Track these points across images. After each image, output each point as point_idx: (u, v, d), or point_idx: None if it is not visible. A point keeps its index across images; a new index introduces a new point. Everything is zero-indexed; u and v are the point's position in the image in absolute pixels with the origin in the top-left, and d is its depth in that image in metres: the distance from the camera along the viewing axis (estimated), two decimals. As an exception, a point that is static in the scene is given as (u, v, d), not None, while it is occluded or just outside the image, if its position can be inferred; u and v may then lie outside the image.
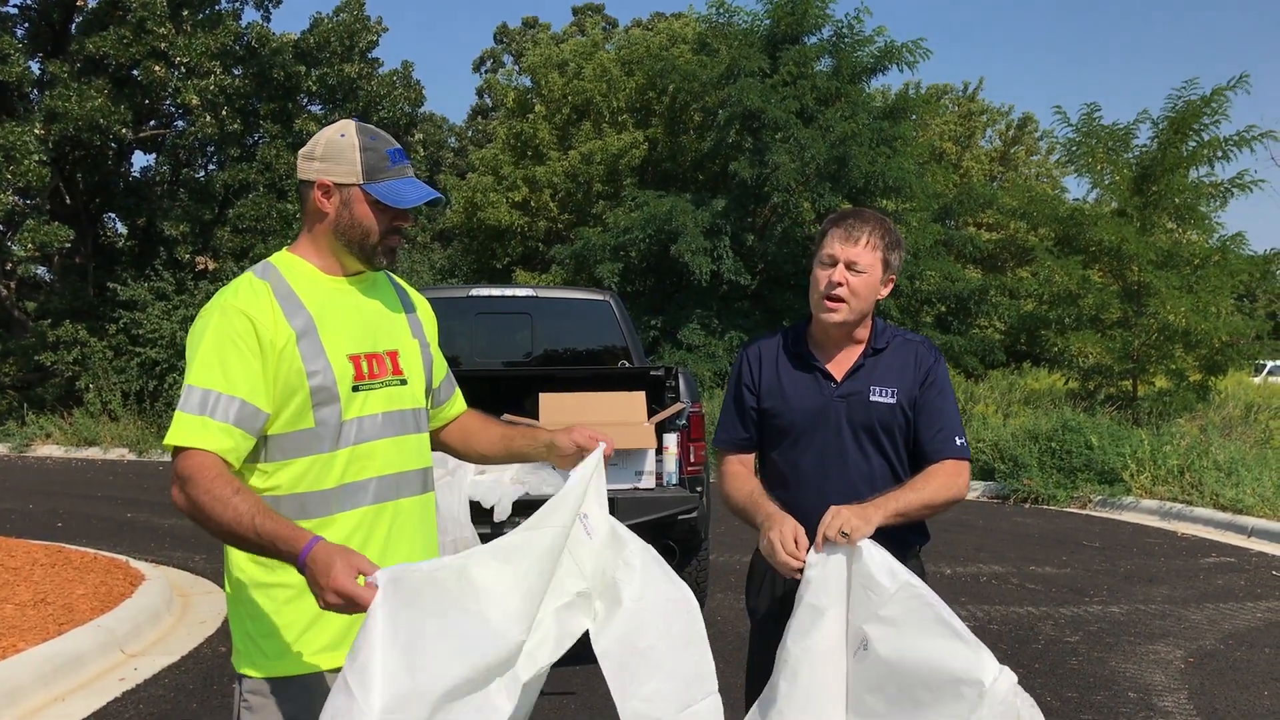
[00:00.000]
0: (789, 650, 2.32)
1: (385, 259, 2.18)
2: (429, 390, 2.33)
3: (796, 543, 2.33)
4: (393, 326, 2.24)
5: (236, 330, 2.01)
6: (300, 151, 2.21)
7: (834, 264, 2.47)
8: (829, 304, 2.47)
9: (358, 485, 2.11)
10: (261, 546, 1.88)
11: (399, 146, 2.18)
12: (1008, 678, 2.20)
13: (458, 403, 2.49)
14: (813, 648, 2.28)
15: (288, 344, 2.04)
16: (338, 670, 1.79)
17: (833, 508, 2.32)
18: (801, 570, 2.31)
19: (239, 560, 2.09)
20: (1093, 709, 4.59)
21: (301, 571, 1.82)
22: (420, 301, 2.41)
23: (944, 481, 2.46)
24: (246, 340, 2.01)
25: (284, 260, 2.18)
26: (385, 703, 1.68)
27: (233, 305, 2.04)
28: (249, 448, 2.02)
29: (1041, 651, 5.47)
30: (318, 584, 1.79)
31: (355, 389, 2.11)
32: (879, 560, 2.28)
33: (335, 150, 2.13)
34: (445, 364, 2.45)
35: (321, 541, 1.84)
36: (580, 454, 2.30)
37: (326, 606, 1.79)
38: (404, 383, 2.21)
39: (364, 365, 2.13)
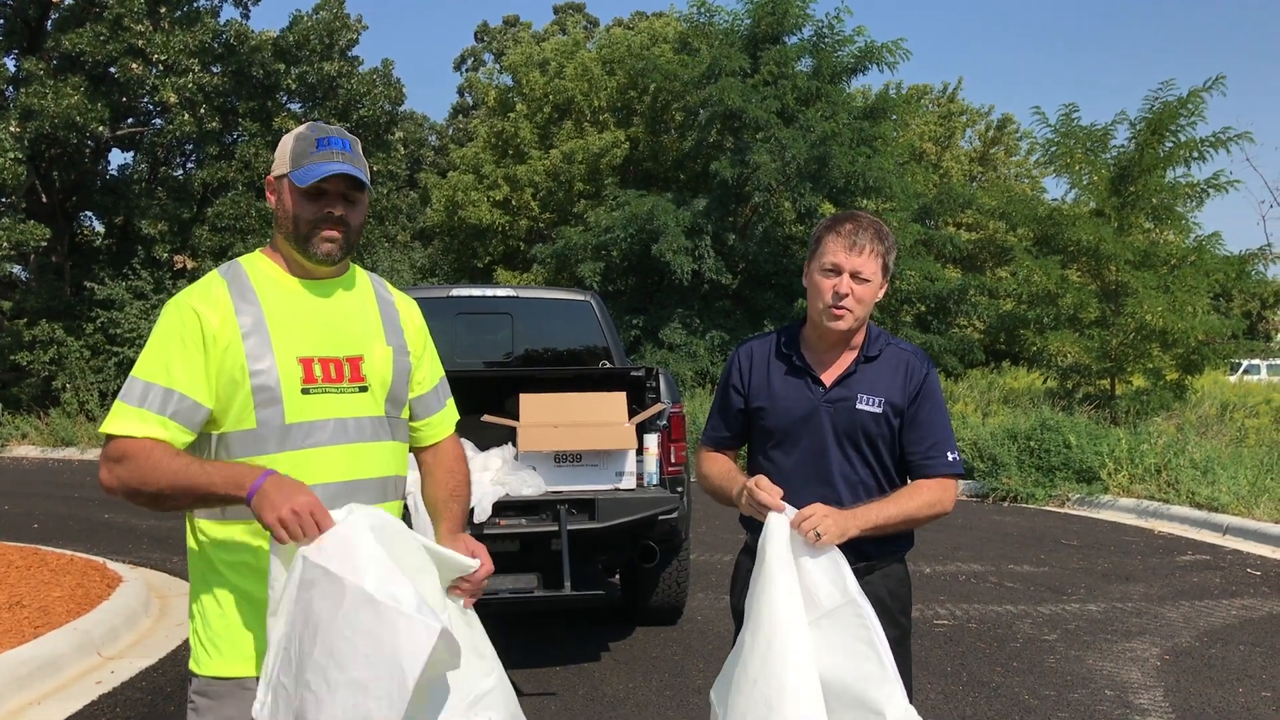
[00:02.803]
0: (757, 602, 2.31)
1: (319, 248, 2.14)
2: (402, 396, 2.27)
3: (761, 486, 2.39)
4: (361, 331, 2.20)
5: (184, 324, 2.05)
6: None
7: (838, 273, 2.47)
8: (836, 312, 2.47)
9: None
10: (209, 488, 1.92)
11: (341, 137, 2.16)
12: (912, 717, 2.24)
13: (436, 428, 2.40)
14: (775, 602, 2.28)
15: (233, 340, 2.05)
16: None
17: (815, 504, 2.34)
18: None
19: (199, 564, 2.11)
20: (1070, 707, 4.63)
21: (252, 494, 1.87)
22: (407, 309, 2.35)
23: (929, 499, 2.48)
24: (191, 334, 2.04)
25: (251, 259, 2.20)
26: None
27: (185, 301, 2.08)
28: (186, 441, 2.04)
29: (1019, 650, 5.51)
30: (281, 496, 1.85)
31: (305, 391, 2.09)
32: (829, 570, 2.30)
33: (281, 148, 2.18)
34: (437, 378, 2.39)
35: (278, 472, 1.93)
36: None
37: (285, 515, 1.84)
38: (364, 389, 2.17)
39: (316, 369, 2.11)
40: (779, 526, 2.32)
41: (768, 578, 2.28)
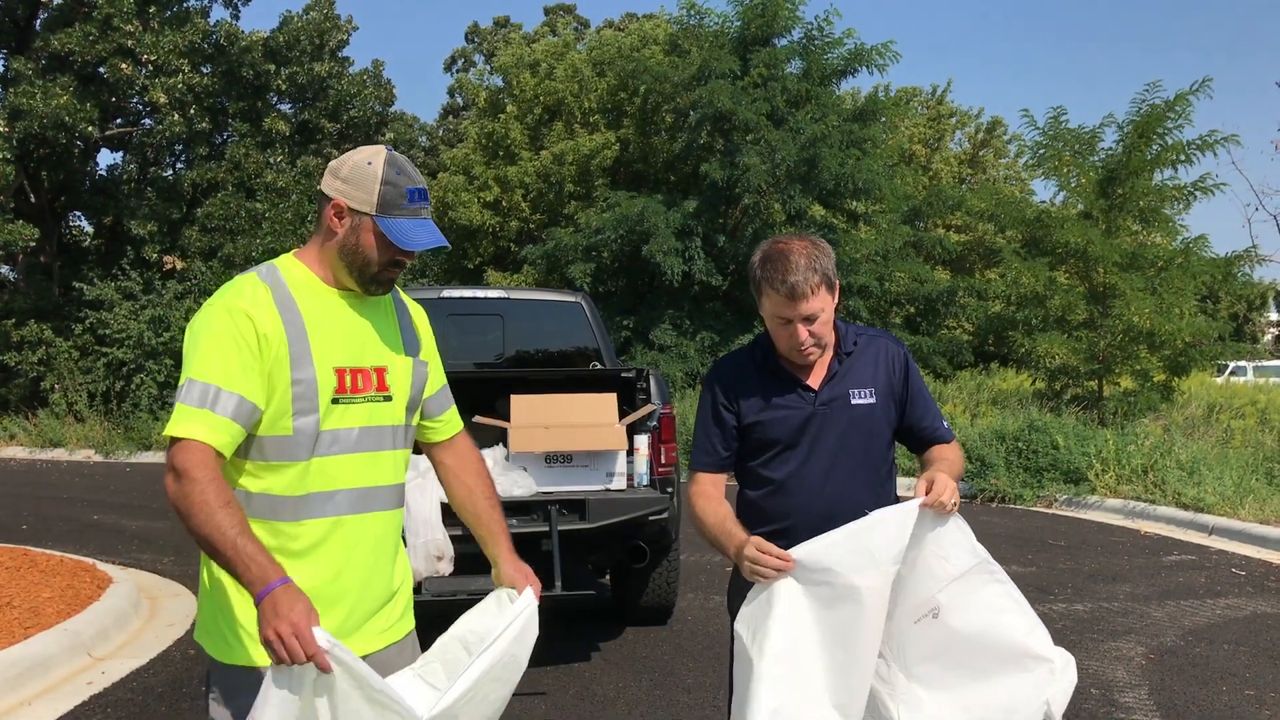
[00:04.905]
0: (849, 587, 2.29)
1: (380, 289, 2.22)
2: (417, 404, 2.33)
3: (765, 551, 2.36)
4: (385, 342, 2.26)
5: (239, 328, 2.06)
6: (330, 164, 2.23)
7: (790, 323, 2.46)
8: (804, 353, 2.49)
9: (327, 495, 2.15)
10: (232, 563, 1.93)
11: (422, 187, 2.19)
12: (1071, 662, 2.34)
13: (450, 424, 2.47)
14: (858, 617, 2.27)
15: (280, 347, 2.08)
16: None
17: (940, 475, 2.39)
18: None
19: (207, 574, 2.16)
20: (1056, 705, 4.67)
21: (261, 598, 1.88)
22: (420, 316, 2.42)
23: (957, 459, 2.58)
24: (247, 338, 2.06)
25: (288, 266, 2.21)
26: None
27: (236, 305, 2.08)
28: (241, 441, 2.06)
29: (1007, 649, 5.55)
30: (277, 612, 1.85)
31: (335, 401, 2.14)
32: (961, 534, 2.38)
33: (359, 176, 2.15)
34: (441, 378, 2.44)
35: (293, 582, 1.92)
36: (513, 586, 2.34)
37: (270, 636, 1.85)
38: (388, 399, 2.23)
39: (347, 379, 2.16)
40: (902, 526, 2.31)
41: (872, 581, 2.27)
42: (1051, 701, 2.29)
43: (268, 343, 2.07)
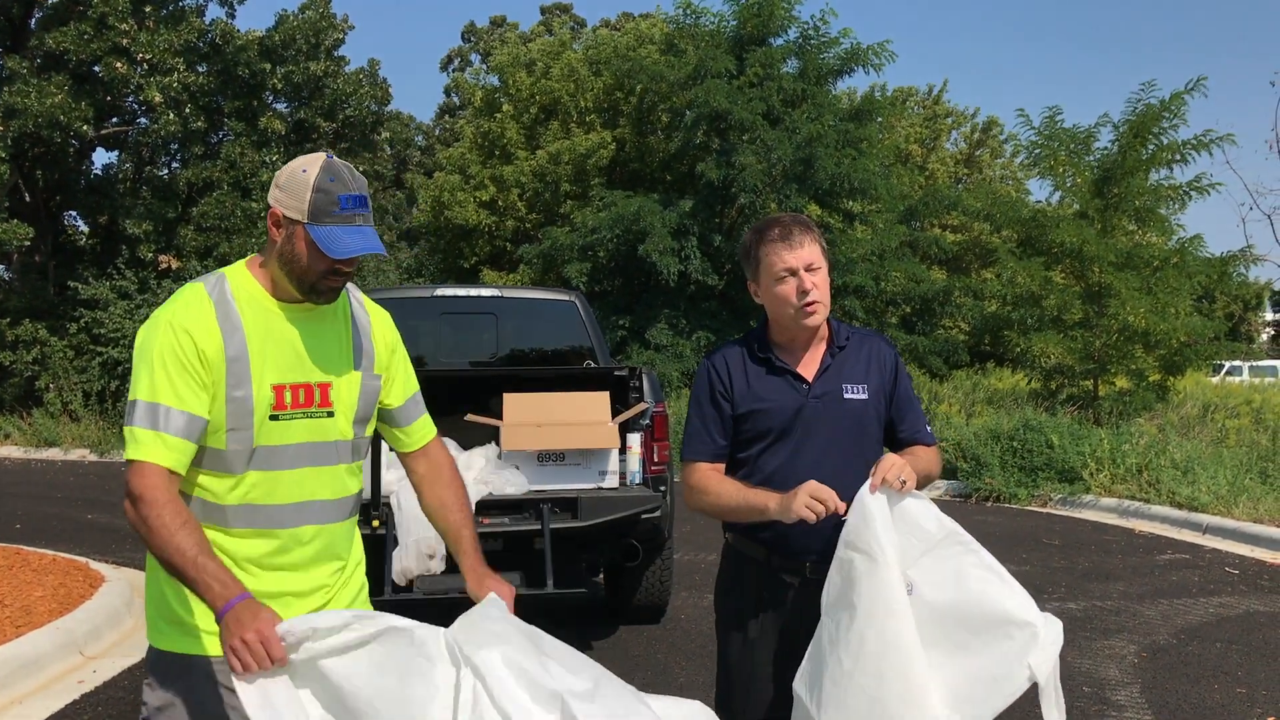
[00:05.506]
0: (859, 595, 2.27)
1: (322, 299, 2.19)
2: (368, 417, 2.31)
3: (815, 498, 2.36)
4: (333, 357, 2.24)
5: (181, 345, 2.07)
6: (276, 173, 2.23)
7: (794, 274, 2.48)
8: (808, 309, 2.49)
9: (260, 508, 2.16)
10: (194, 582, 1.97)
11: (358, 194, 2.14)
12: (1056, 623, 2.27)
13: (421, 433, 2.45)
14: (877, 592, 2.26)
15: (219, 365, 2.10)
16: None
17: (888, 455, 2.41)
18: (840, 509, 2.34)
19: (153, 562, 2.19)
20: (1048, 703, 4.67)
21: (223, 614, 1.91)
22: (379, 325, 2.37)
23: (931, 459, 2.59)
24: (188, 354, 2.07)
25: (237, 277, 2.20)
26: None
27: (177, 323, 2.09)
28: (194, 455, 2.10)
29: (1000, 647, 5.55)
30: (240, 622, 1.88)
31: (273, 418, 2.15)
32: (923, 509, 2.35)
33: (293, 184, 2.14)
34: (411, 388, 2.42)
35: (253, 596, 1.95)
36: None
37: (235, 645, 1.87)
38: (330, 415, 2.22)
39: (286, 395, 2.16)
40: (876, 507, 2.30)
41: (869, 569, 2.26)
42: (1035, 665, 2.21)
43: (207, 360, 2.08)
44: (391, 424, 2.40)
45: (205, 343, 2.08)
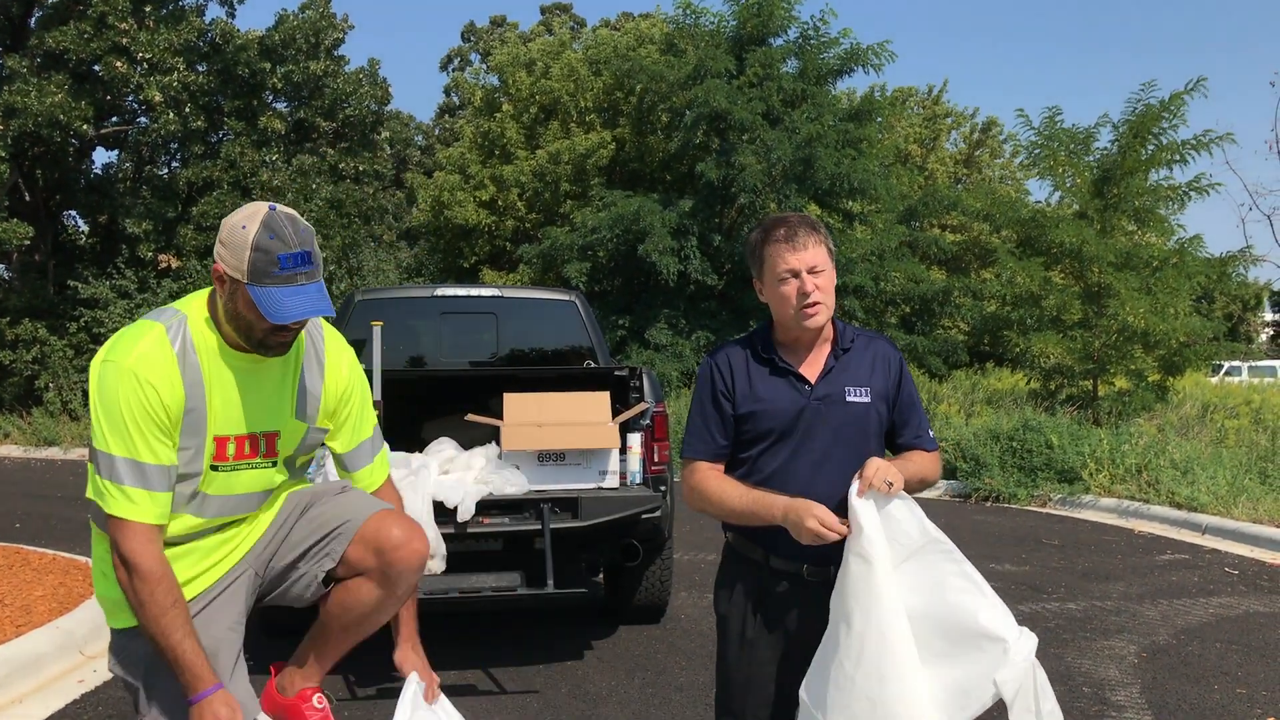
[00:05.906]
0: (856, 599, 2.29)
1: (271, 353, 2.20)
2: (297, 461, 2.37)
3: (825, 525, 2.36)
4: (280, 408, 2.26)
5: (147, 398, 2.10)
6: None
7: (796, 275, 2.48)
8: (809, 312, 2.48)
9: (192, 534, 2.26)
10: (173, 663, 2.09)
11: (301, 251, 2.10)
12: (1029, 640, 2.24)
13: (373, 476, 2.47)
14: (873, 595, 2.27)
15: (179, 416, 2.14)
16: None
17: (873, 458, 2.40)
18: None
19: (100, 550, 2.30)
20: (1048, 704, 4.67)
21: (195, 702, 2.06)
22: (334, 370, 2.36)
23: (929, 464, 2.58)
24: (155, 408, 2.10)
25: (196, 323, 2.20)
26: None
27: (143, 376, 2.10)
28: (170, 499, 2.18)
29: (999, 648, 5.55)
30: (208, 714, 2.04)
31: (214, 468, 2.19)
32: (908, 513, 2.34)
33: (233, 241, 2.12)
34: (360, 434, 2.42)
35: (225, 690, 2.08)
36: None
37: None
38: (274, 464, 2.28)
39: (230, 447, 2.20)
40: (864, 511, 2.31)
41: (864, 573, 2.28)
42: (1001, 682, 2.18)
43: (170, 413, 2.12)
44: (339, 464, 2.44)
45: (169, 396, 2.11)
